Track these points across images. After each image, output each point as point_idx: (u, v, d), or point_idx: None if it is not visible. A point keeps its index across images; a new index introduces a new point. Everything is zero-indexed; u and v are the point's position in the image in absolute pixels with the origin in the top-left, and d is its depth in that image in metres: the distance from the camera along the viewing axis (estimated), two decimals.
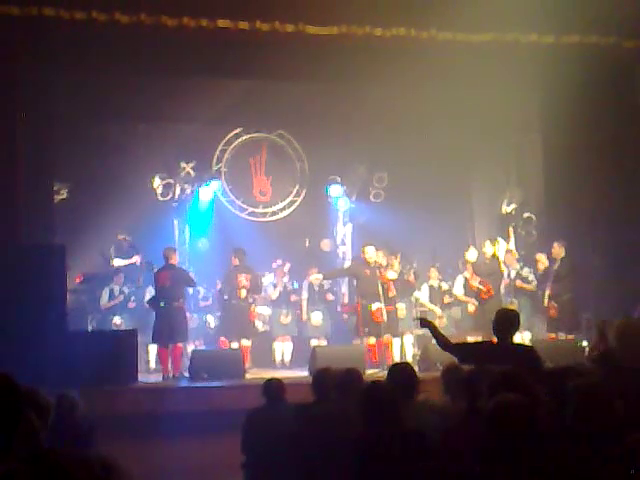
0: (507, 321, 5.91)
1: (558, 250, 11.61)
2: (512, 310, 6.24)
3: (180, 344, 10.89)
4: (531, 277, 11.95)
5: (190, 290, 11.99)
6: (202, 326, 12.65)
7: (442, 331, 12.00)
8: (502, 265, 11.92)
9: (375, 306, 10.91)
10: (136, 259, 12.66)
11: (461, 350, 6.09)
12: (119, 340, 10.13)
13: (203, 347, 12.22)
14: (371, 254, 11.17)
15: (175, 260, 11.23)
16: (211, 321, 12.74)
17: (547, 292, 11.62)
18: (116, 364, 9.70)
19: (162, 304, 10.82)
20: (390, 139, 13.76)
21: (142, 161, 13.71)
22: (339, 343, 12.14)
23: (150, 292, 11.65)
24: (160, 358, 11.15)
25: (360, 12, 10.34)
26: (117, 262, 12.83)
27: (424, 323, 6.59)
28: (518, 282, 11.93)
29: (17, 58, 10.00)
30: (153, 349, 11.94)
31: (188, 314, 11.60)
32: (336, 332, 12.60)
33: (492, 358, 5.58)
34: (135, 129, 13.95)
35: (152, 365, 11.93)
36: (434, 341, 11.78)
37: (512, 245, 12.82)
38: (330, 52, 10.58)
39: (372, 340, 11.10)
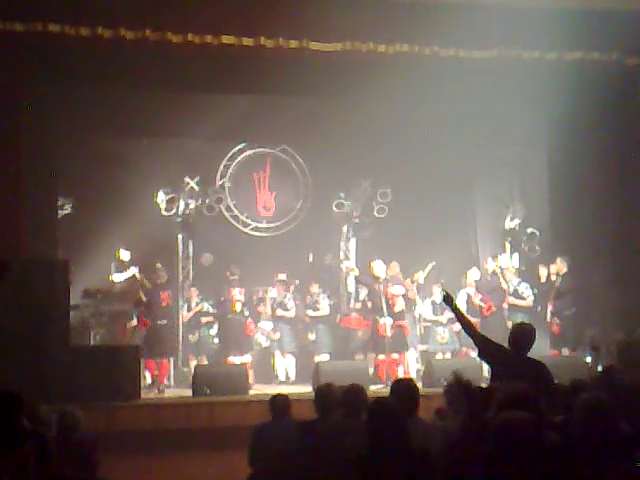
0: (523, 335, 5.92)
1: (560, 265, 11.58)
2: (528, 324, 6.20)
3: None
4: (527, 293, 11.86)
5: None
6: (204, 342, 12.61)
7: (444, 346, 12.18)
8: (502, 281, 11.88)
9: (382, 321, 10.99)
10: (134, 271, 12.60)
11: (485, 344, 6.07)
12: (121, 356, 10.11)
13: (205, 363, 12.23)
14: (378, 269, 11.22)
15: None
16: (214, 336, 12.71)
17: (549, 308, 11.58)
18: (118, 380, 9.69)
19: (165, 322, 11.52)
20: (394, 155, 13.76)
21: (146, 176, 13.72)
22: (339, 358, 12.12)
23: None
24: (161, 371, 11.55)
25: (363, 29, 10.38)
26: (116, 277, 12.81)
27: (448, 300, 6.34)
28: (511, 299, 11.86)
29: (22, 74, 10.03)
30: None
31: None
32: (339, 347, 12.58)
33: (507, 367, 5.62)
34: (139, 144, 13.98)
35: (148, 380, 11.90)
36: (438, 356, 11.98)
37: (512, 261, 12.80)
38: (334, 68, 10.62)
39: (382, 356, 11.11)
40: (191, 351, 12.57)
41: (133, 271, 12.45)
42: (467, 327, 6.28)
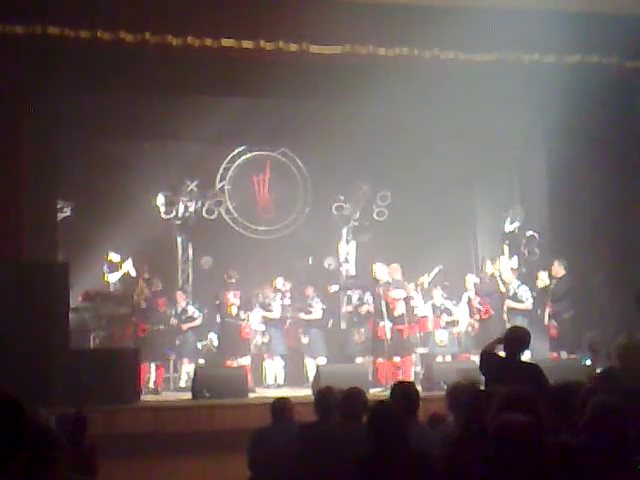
0: (517, 338, 5.97)
1: (557, 268, 11.57)
2: (522, 328, 6.25)
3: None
4: (526, 296, 11.83)
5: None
6: (186, 345, 12.58)
7: (444, 349, 12.18)
8: (500, 284, 11.84)
9: (382, 324, 11.00)
10: (127, 268, 12.56)
11: (480, 360, 6.19)
12: (121, 359, 10.10)
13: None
14: (380, 272, 11.21)
15: None
16: (214, 340, 12.71)
17: (547, 311, 11.57)
18: (118, 382, 9.68)
19: (162, 327, 11.82)
20: (393, 157, 13.78)
21: (146, 179, 13.73)
22: (334, 361, 12.11)
23: None
24: (157, 375, 11.77)
25: (363, 32, 10.38)
26: (111, 278, 12.78)
27: None
28: (509, 302, 11.84)
29: (21, 77, 10.04)
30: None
31: None
32: (335, 350, 12.57)
33: (500, 373, 5.64)
34: (139, 147, 13.98)
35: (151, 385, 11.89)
36: (438, 359, 11.98)
37: (511, 263, 12.79)
38: (333, 71, 10.61)
39: (381, 359, 11.11)
40: (185, 354, 12.55)
41: (126, 268, 12.45)
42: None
